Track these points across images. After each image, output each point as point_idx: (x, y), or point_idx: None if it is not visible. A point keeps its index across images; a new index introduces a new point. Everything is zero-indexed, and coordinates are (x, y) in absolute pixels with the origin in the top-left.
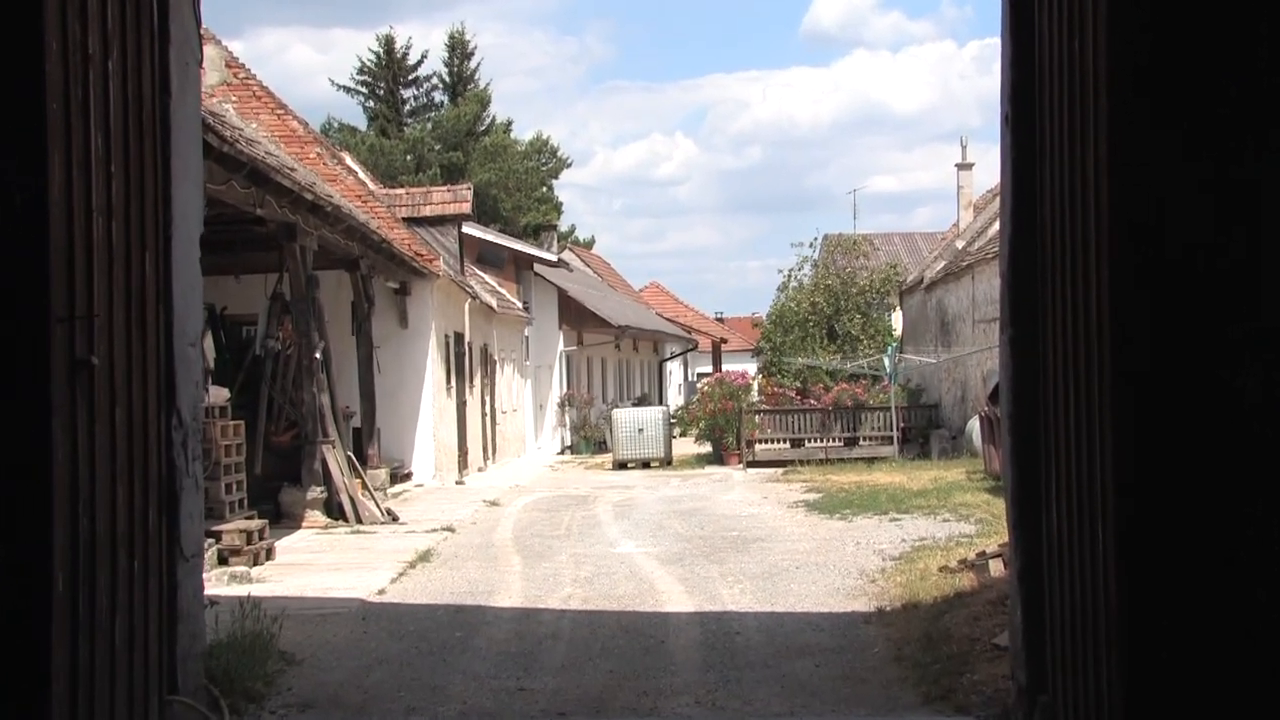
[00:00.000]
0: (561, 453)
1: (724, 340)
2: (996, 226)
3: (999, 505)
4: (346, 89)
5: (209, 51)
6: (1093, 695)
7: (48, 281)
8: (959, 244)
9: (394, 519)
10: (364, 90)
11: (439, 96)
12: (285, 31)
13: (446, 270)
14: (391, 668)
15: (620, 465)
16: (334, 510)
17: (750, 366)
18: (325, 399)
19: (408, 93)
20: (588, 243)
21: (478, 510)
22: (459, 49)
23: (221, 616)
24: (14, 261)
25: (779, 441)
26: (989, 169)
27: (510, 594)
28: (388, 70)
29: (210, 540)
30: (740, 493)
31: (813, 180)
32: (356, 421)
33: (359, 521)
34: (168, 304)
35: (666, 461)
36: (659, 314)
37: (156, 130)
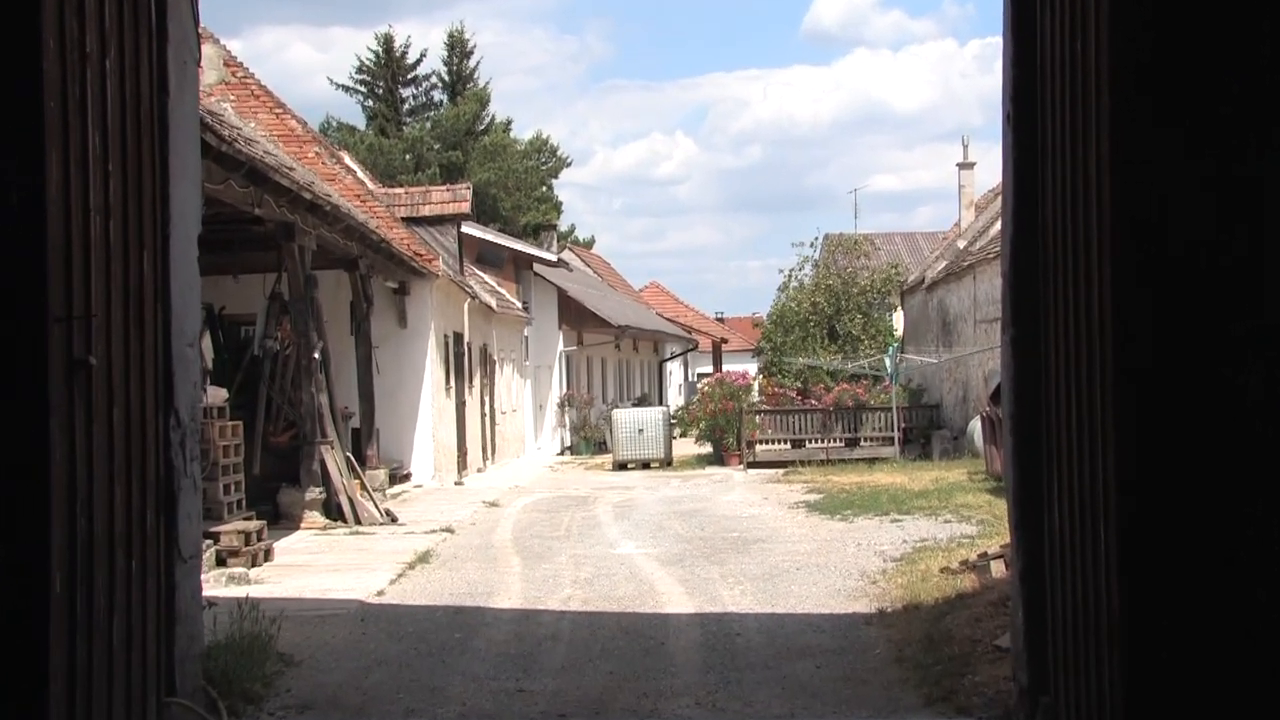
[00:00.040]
0: (561, 453)
1: (724, 340)
2: (998, 226)
3: (1000, 506)
4: (345, 88)
5: (207, 50)
6: (1094, 696)
7: (45, 281)
8: (960, 243)
9: (393, 520)
10: (363, 89)
11: (438, 95)
12: (284, 30)
13: (446, 270)
14: (390, 669)
15: (620, 466)
16: (333, 511)
17: (751, 367)
18: (324, 399)
19: (407, 92)
20: (587, 242)
21: (477, 511)
22: (458, 48)
23: (220, 618)
24: (12, 261)
25: (780, 442)
26: (991, 168)
27: (510, 595)
28: (387, 69)
29: (208, 541)
30: (741, 493)
31: (813, 179)
32: (355, 422)
33: (358, 522)
34: (166, 303)
35: (667, 462)
36: (659, 314)
37: (154, 129)
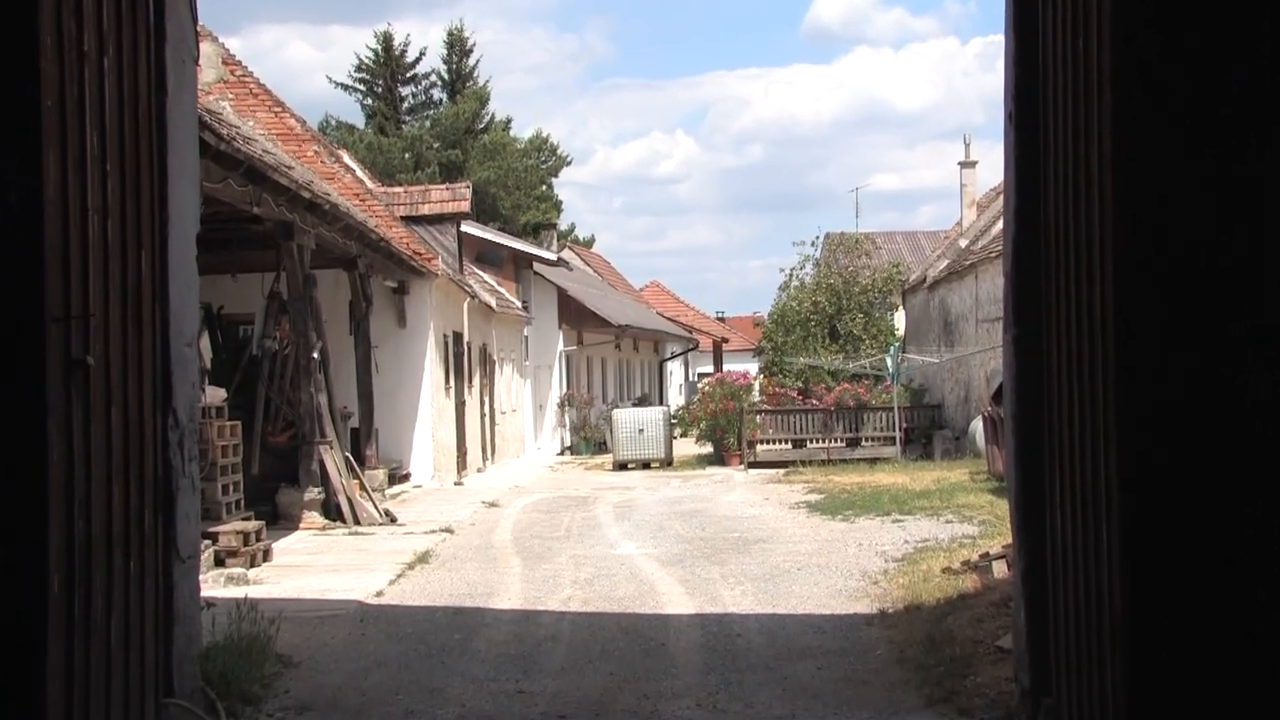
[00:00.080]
0: (561, 453)
1: (725, 340)
2: (1000, 225)
3: (1002, 506)
4: (344, 86)
5: (205, 48)
6: (1096, 697)
7: (43, 281)
8: (962, 243)
9: (392, 520)
10: (362, 88)
11: (437, 94)
12: (283, 28)
13: (445, 269)
14: (390, 670)
15: (620, 466)
16: (331, 511)
17: (751, 366)
18: (323, 399)
19: (406, 90)
20: (587, 241)
21: (476, 511)
22: (458, 46)
23: (218, 618)
24: (9, 261)
25: (780, 442)
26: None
27: (509, 596)
28: (386, 68)
29: (207, 541)
30: (741, 494)
31: (814, 178)
32: (354, 422)
33: (357, 523)
34: (164, 303)
35: (667, 462)
36: (659, 313)
37: (152, 128)
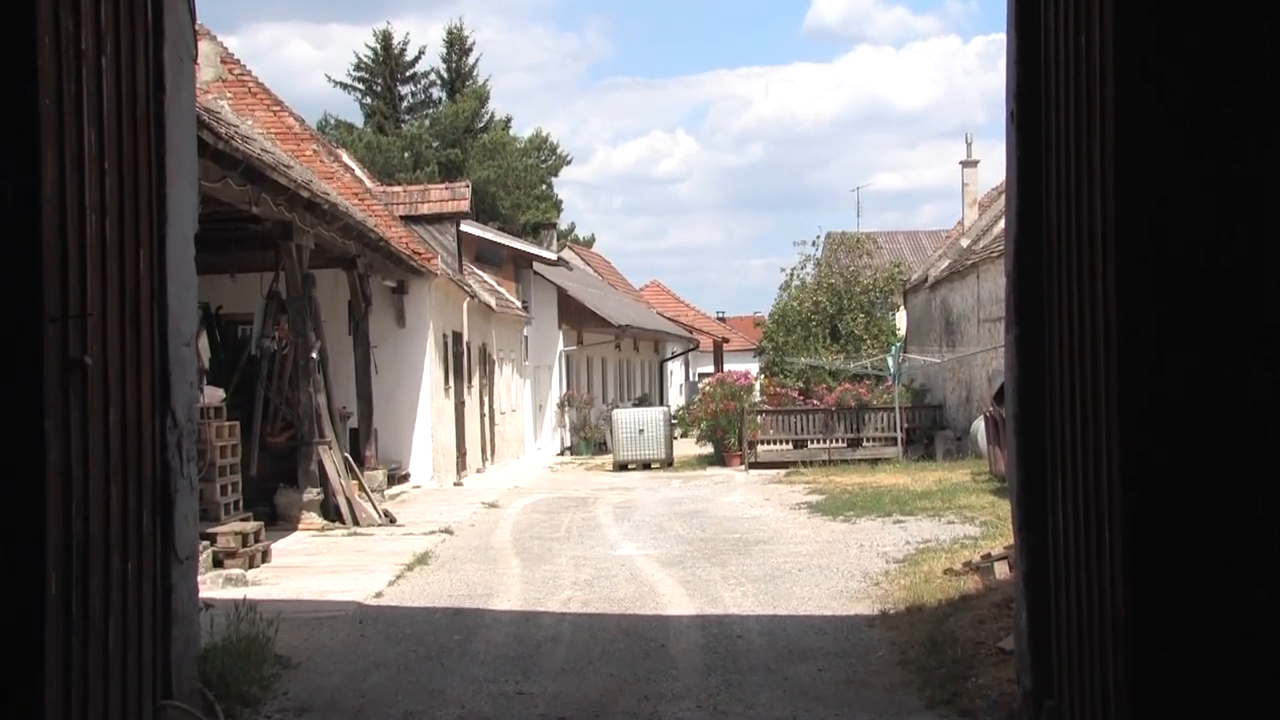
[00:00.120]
0: (561, 454)
1: (726, 340)
2: (1002, 224)
3: (1004, 507)
4: (343, 85)
5: (204, 47)
6: (1099, 698)
7: (41, 280)
8: (964, 242)
9: (391, 521)
10: (361, 87)
11: (437, 93)
12: (281, 27)
13: (444, 269)
14: (389, 671)
15: (620, 466)
16: (330, 512)
17: (752, 366)
18: (322, 399)
19: (405, 89)
20: (587, 241)
21: (476, 512)
22: (457, 45)
23: (217, 619)
24: (7, 260)
25: (781, 442)
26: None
27: (509, 597)
28: (385, 66)
29: (205, 542)
30: (742, 494)
31: (815, 178)
32: (353, 422)
33: (356, 523)
34: (162, 303)
35: (667, 463)
36: (660, 313)
37: (150, 127)
